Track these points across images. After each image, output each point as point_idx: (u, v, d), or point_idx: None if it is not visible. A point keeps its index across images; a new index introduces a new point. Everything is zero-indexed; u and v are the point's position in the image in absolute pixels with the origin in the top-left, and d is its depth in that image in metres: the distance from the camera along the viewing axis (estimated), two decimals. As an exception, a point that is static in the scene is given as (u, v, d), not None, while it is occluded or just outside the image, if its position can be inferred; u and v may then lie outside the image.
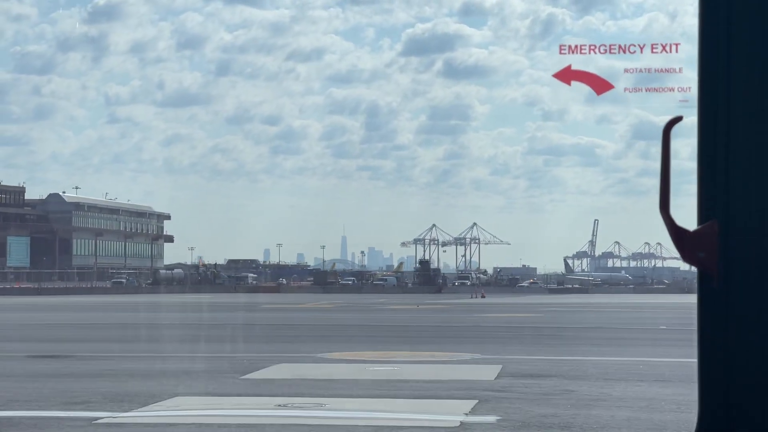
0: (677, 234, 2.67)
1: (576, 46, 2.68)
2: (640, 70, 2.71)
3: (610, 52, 2.68)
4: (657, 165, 2.65)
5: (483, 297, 52.08)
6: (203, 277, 79.01)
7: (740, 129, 2.65)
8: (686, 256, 2.67)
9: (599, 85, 2.72)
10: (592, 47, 2.67)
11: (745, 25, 2.64)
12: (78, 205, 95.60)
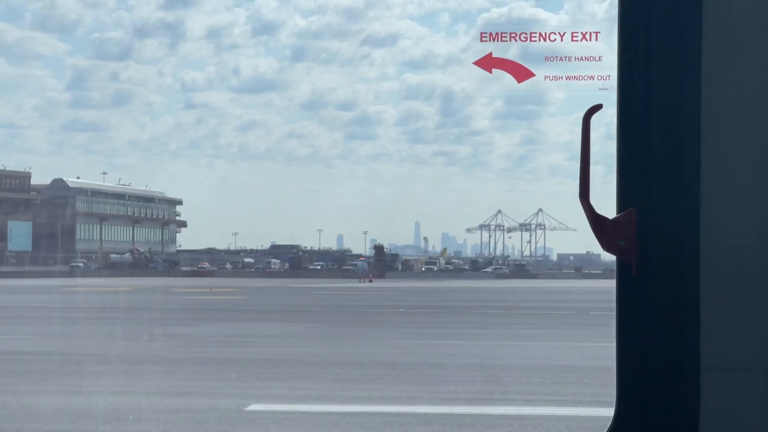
0: (597, 222, 2.68)
1: (497, 34, 2.69)
2: (560, 59, 2.72)
3: (531, 40, 2.69)
4: None
5: (370, 281, 51.47)
6: (137, 262, 79.94)
7: (658, 117, 2.66)
8: (606, 245, 2.68)
9: (520, 73, 2.73)
10: (513, 35, 2.68)
11: (664, 13, 2.64)
12: (81, 190, 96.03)
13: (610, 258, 2.74)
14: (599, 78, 2.71)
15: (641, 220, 2.67)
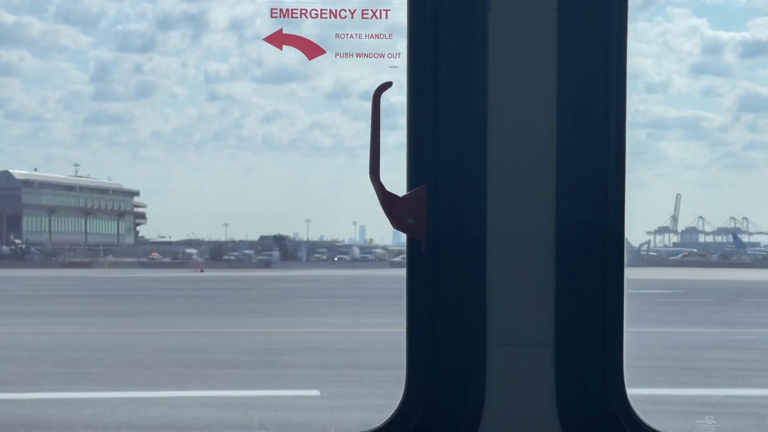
0: (387, 200, 2.68)
1: (288, 10, 2.68)
2: (351, 36, 2.72)
3: (322, 17, 2.68)
4: (765, 138, 2.67)
5: (201, 271, 51.00)
6: (14, 253, 79.15)
7: (446, 96, 2.67)
8: (396, 223, 2.68)
9: (311, 50, 2.73)
10: (304, 11, 2.67)
11: None
12: (28, 182, 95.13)
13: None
14: (389, 56, 2.71)
15: (430, 198, 2.68)
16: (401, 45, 2.68)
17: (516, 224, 2.68)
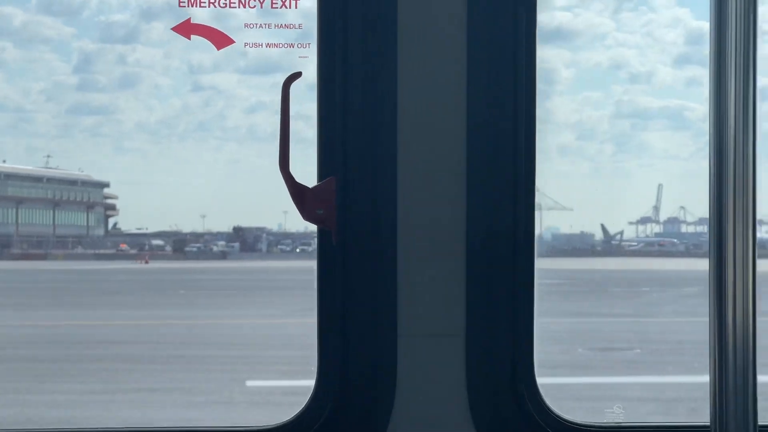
0: (297, 192, 2.67)
1: (195, 0, 2.66)
2: (260, 25, 2.70)
3: (230, 6, 2.66)
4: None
5: (146, 263, 50.72)
6: None
7: (356, 85, 2.65)
8: (306, 214, 2.67)
9: (219, 39, 2.71)
10: (212, 1, 2.65)
11: None
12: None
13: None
14: (300, 46, 2.69)
15: (341, 189, 2.66)
16: (312, 35, 2.67)
17: (427, 216, 2.67)
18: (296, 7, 2.66)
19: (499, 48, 2.67)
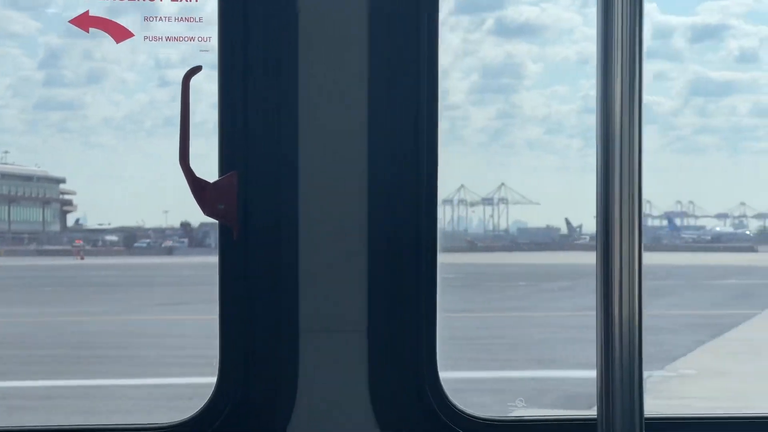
0: (197, 186, 2.64)
1: (94, -8, 2.64)
2: (160, 18, 2.68)
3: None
4: (715, 122, 2.62)
5: (81, 259, 50.67)
6: None
7: (257, 80, 2.64)
8: (206, 209, 2.65)
9: (118, 32, 2.68)
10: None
11: None
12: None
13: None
14: (200, 39, 2.67)
15: (242, 184, 2.64)
16: (213, 29, 2.65)
17: (329, 212, 2.66)
18: (197, 0, 2.64)
19: (401, 45, 2.66)
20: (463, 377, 11.64)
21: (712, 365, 13.41)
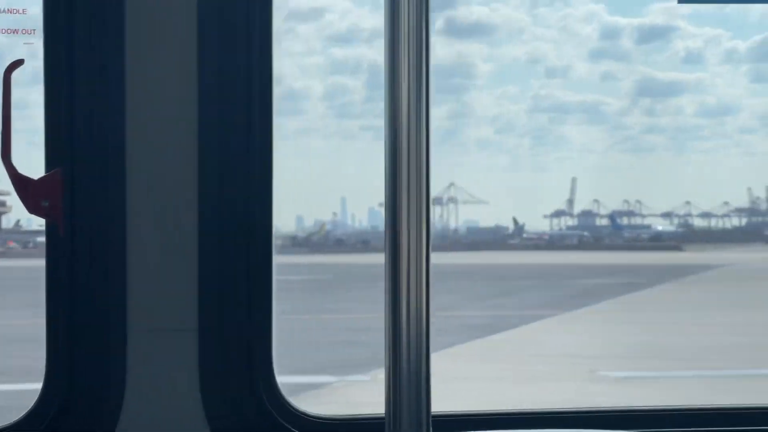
0: (20, 183, 2.58)
1: None
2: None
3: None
4: (662, 122, 2.56)
5: None
6: None
7: (82, 75, 2.59)
8: (30, 207, 2.58)
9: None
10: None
11: None
12: None
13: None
14: (24, 32, 2.60)
15: (67, 181, 2.58)
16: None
17: (157, 210, 2.62)
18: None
19: (232, 41, 2.61)
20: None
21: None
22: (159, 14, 2.59)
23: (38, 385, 2.64)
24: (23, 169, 2.59)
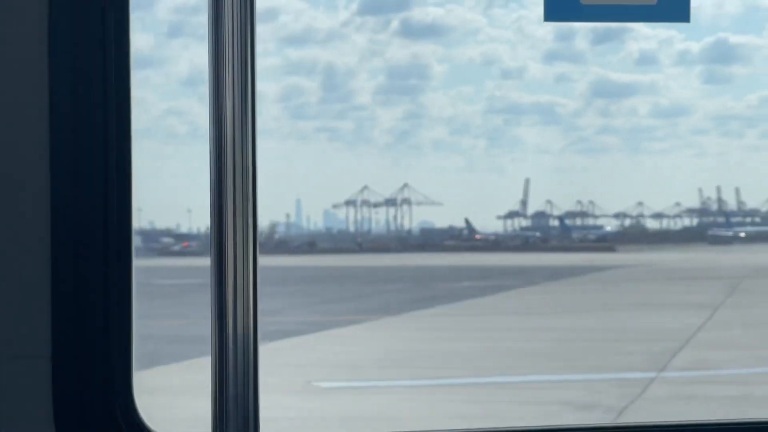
0: None
1: None
2: None
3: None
4: (616, 123, 2.46)
5: None
6: None
7: None
8: None
9: None
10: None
11: None
12: None
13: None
14: None
15: None
16: None
17: (7, 232, 2.46)
18: None
19: (85, 48, 2.48)
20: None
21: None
22: (7, 14, 2.45)
23: None
24: None
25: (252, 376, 2.11)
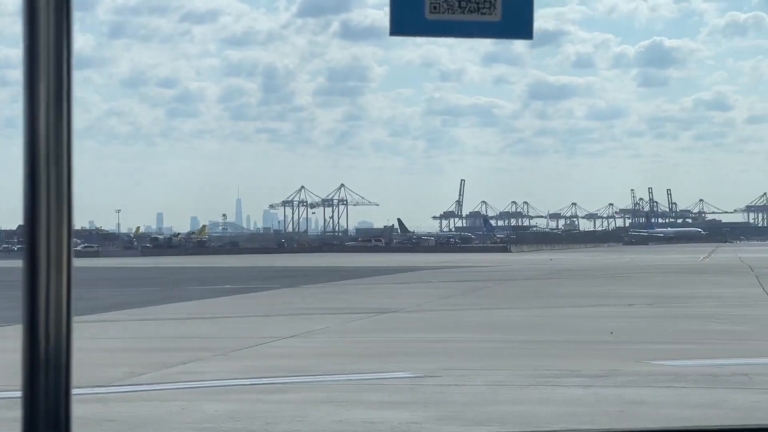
0: None
1: None
2: None
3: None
4: (553, 125, 2.36)
5: None
6: None
7: None
8: None
9: None
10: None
11: None
12: None
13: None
14: None
15: None
16: None
17: None
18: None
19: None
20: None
21: None
22: None
23: None
24: None
25: (64, 380, 2.07)
